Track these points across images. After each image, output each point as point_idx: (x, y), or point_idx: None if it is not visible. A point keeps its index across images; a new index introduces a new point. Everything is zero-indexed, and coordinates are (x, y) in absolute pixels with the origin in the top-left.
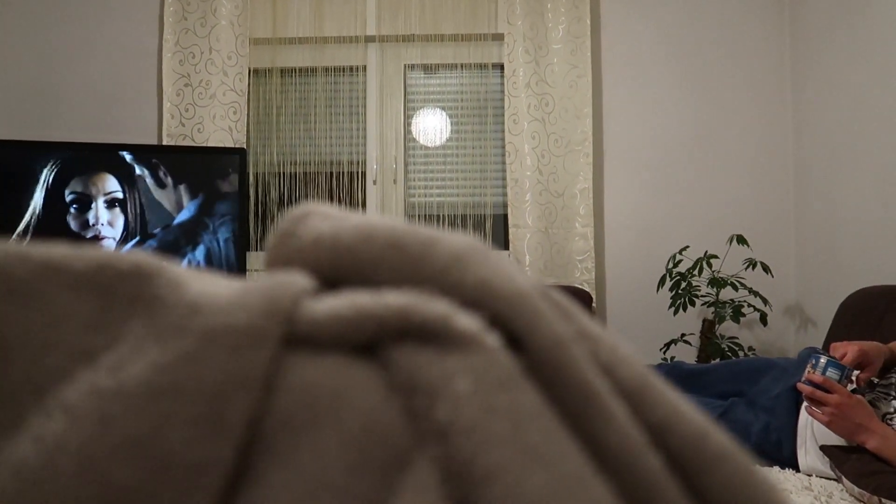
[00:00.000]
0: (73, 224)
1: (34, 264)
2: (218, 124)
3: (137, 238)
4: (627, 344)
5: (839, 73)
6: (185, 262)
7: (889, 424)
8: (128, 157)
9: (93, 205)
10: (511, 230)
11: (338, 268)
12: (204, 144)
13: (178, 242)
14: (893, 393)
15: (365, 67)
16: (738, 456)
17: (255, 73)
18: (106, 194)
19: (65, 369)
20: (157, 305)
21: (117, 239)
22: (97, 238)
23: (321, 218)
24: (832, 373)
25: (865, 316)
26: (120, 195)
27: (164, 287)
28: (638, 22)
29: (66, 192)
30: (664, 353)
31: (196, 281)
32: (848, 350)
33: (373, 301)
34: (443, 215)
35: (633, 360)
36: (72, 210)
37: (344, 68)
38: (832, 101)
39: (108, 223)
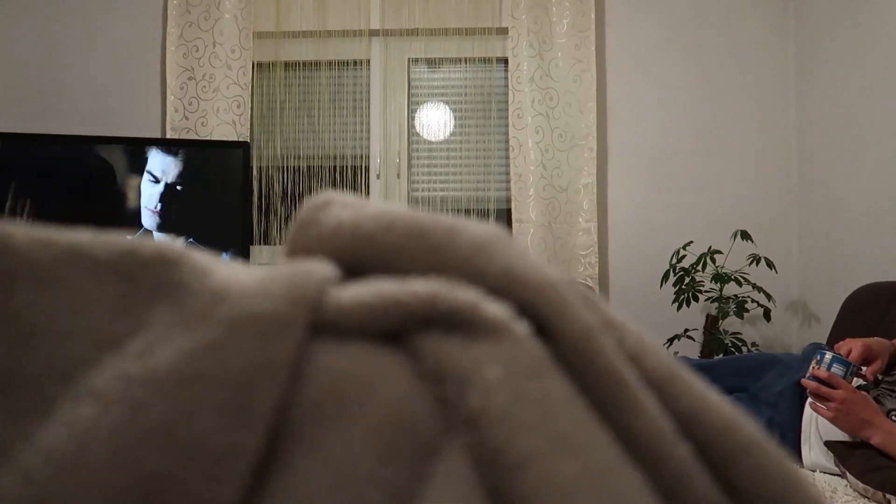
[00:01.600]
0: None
1: (58, 250)
2: (222, 118)
3: (142, 228)
4: (649, 335)
5: (843, 68)
6: None
7: (893, 421)
8: (144, 150)
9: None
10: (514, 225)
11: (359, 256)
12: (208, 138)
13: (181, 234)
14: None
15: (368, 61)
16: (766, 446)
17: (259, 66)
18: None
19: (90, 355)
20: (181, 293)
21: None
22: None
23: (341, 206)
24: (837, 369)
25: (869, 312)
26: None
27: (188, 274)
28: (642, 17)
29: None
30: (668, 347)
31: (220, 268)
32: (853, 347)
33: (398, 289)
34: (446, 210)
35: (659, 350)
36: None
37: (347, 62)
38: (836, 96)
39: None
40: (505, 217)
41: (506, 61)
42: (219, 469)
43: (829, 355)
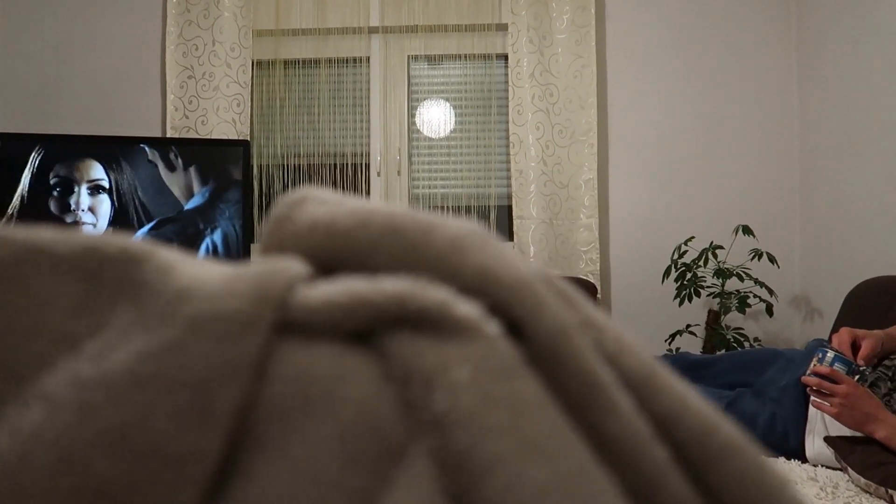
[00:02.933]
0: (55, 209)
1: (16, 247)
2: (222, 116)
3: (135, 227)
4: (633, 334)
5: (846, 63)
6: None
7: (888, 404)
8: (146, 147)
9: (76, 190)
10: (515, 221)
11: (334, 253)
12: (208, 136)
13: (181, 234)
14: (890, 374)
15: (368, 59)
16: (746, 448)
17: (259, 64)
18: (90, 181)
19: (47, 356)
20: (144, 292)
21: (100, 226)
22: (77, 223)
23: (317, 203)
24: (839, 367)
25: (872, 307)
26: (105, 183)
27: (152, 273)
28: (643, 11)
29: (51, 178)
30: (669, 343)
31: (187, 267)
32: (840, 336)
33: (369, 287)
34: (447, 207)
35: (638, 350)
36: (54, 193)
37: (347, 60)
38: (839, 91)
39: (89, 209)
40: (506, 213)
41: (506, 57)
42: (176, 474)
43: (830, 353)
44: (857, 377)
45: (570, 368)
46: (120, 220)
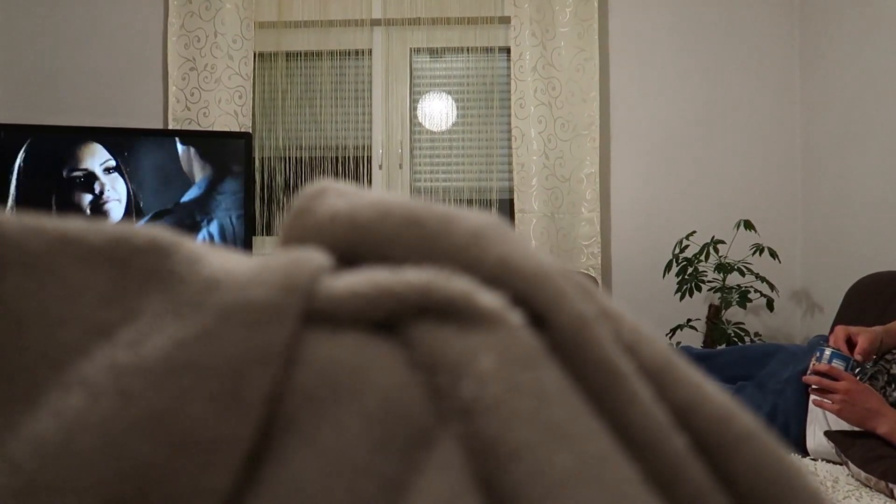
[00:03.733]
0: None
1: (49, 237)
2: (223, 108)
3: (143, 216)
4: (648, 325)
5: (849, 57)
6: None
7: (885, 396)
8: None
9: (94, 171)
10: (517, 215)
11: (354, 245)
12: (210, 129)
13: (184, 225)
14: (887, 367)
15: (370, 51)
16: (763, 437)
17: (261, 56)
18: (102, 164)
19: (81, 344)
20: (174, 281)
21: (122, 203)
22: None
23: (337, 195)
24: (837, 363)
25: (872, 302)
26: (113, 163)
27: (180, 262)
28: (646, 5)
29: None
30: (670, 338)
31: (213, 257)
32: (837, 335)
33: (393, 278)
34: (448, 200)
35: (655, 340)
36: (78, 180)
37: (349, 52)
38: (841, 85)
39: (111, 188)
40: (507, 207)
41: (508, 51)
42: (211, 458)
43: (828, 351)
44: (856, 372)
45: (590, 358)
46: (128, 207)
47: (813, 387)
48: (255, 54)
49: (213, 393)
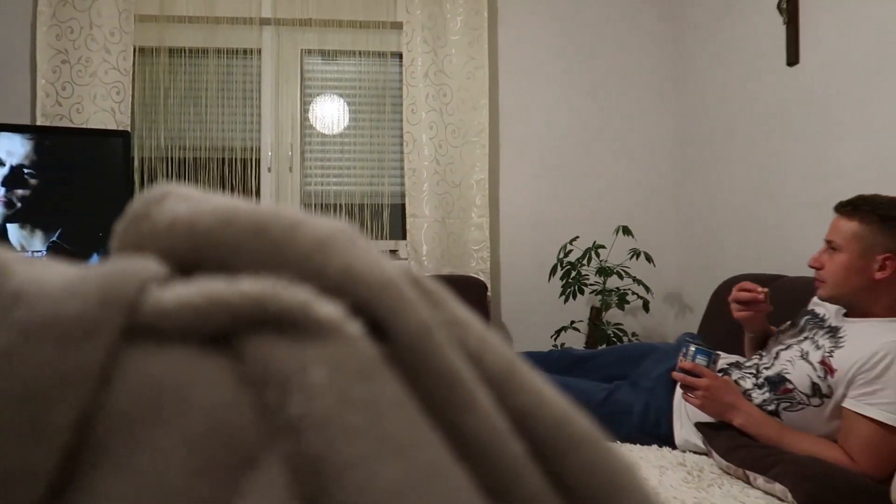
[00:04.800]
0: None
1: None
2: (99, 104)
3: None
4: (496, 332)
5: (715, 76)
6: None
7: (751, 401)
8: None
9: None
10: (408, 220)
11: (195, 253)
12: (84, 126)
13: (48, 230)
14: (753, 371)
15: (259, 51)
16: (597, 439)
17: (141, 51)
18: None
19: None
20: None
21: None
22: None
23: (179, 200)
24: (701, 359)
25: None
26: None
27: None
28: (534, 18)
29: None
30: (555, 339)
31: (26, 267)
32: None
33: (226, 288)
34: (340, 204)
35: (501, 348)
36: None
37: (237, 50)
38: (709, 103)
39: None
40: (399, 212)
41: (401, 56)
42: (8, 493)
43: (692, 347)
44: (721, 362)
45: (430, 367)
46: None
47: (679, 382)
48: (134, 49)
49: (11, 421)
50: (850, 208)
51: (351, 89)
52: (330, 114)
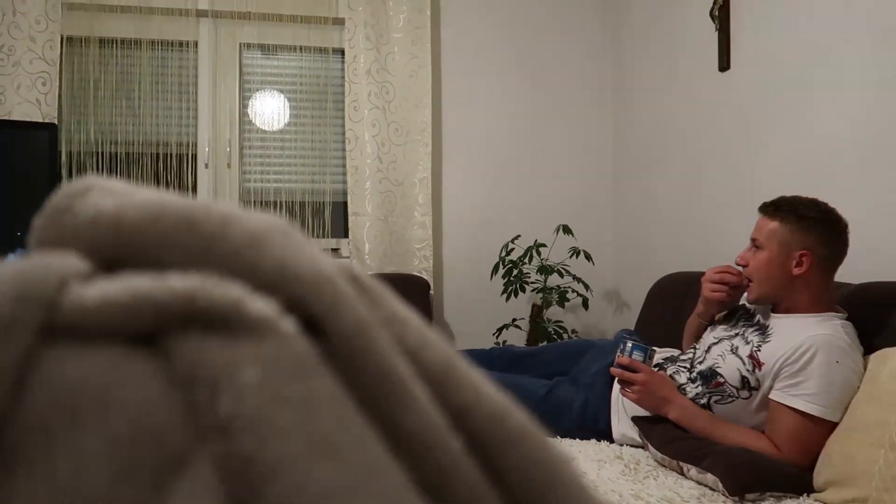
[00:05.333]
0: None
1: None
2: (23, 95)
3: None
4: (434, 329)
5: (651, 83)
6: None
7: (683, 394)
8: None
9: None
10: (351, 218)
11: (121, 250)
12: (6, 118)
13: None
14: (688, 366)
15: (196, 43)
16: (535, 434)
17: (70, 41)
18: None
19: None
20: None
21: None
22: None
23: (104, 193)
24: (637, 355)
25: (670, 298)
26: None
27: None
28: (476, 19)
29: None
30: (497, 337)
31: None
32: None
33: (153, 284)
34: (281, 202)
35: (439, 344)
36: None
37: (173, 43)
38: (646, 105)
39: None
40: (341, 210)
41: (342, 52)
42: None
43: (629, 343)
44: (656, 357)
45: (367, 364)
46: None
47: (617, 378)
48: (62, 38)
49: None
50: (772, 208)
51: (292, 85)
52: (270, 110)
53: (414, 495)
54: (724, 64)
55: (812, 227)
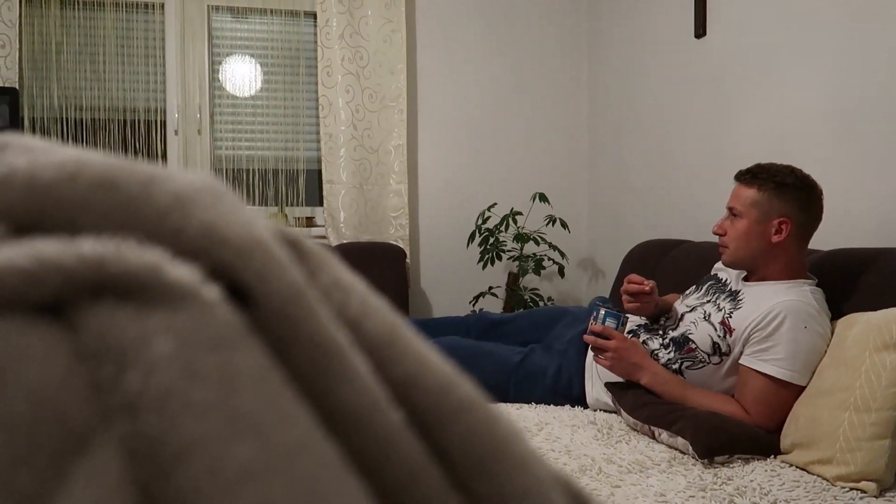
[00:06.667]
0: None
1: None
2: None
3: None
4: (378, 296)
5: (628, 48)
6: None
7: (656, 360)
8: None
9: None
10: (325, 186)
11: (34, 212)
12: None
13: None
14: (660, 332)
15: (162, 5)
16: (480, 406)
17: (29, 1)
18: None
19: None
20: None
21: None
22: None
23: (19, 151)
24: (610, 322)
25: (644, 265)
26: None
27: None
28: None
29: None
30: (473, 305)
31: None
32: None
33: (62, 249)
34: (253, 169)
35: (383, 312)
36: None
37: (138, 4)
38: (622, 73)
39: None
40: (316, 178)
41: (315, 16)
42: None
43: (602, 311)
44: (629, 324)
45: (299, 334)
46: None
47: (591, 345)
48: None
49: None
50: (749, 176)
51: (263, 49)
52: (241, 75)
53: (346, 473)
54: (700, 30)
55: (790, 193)
